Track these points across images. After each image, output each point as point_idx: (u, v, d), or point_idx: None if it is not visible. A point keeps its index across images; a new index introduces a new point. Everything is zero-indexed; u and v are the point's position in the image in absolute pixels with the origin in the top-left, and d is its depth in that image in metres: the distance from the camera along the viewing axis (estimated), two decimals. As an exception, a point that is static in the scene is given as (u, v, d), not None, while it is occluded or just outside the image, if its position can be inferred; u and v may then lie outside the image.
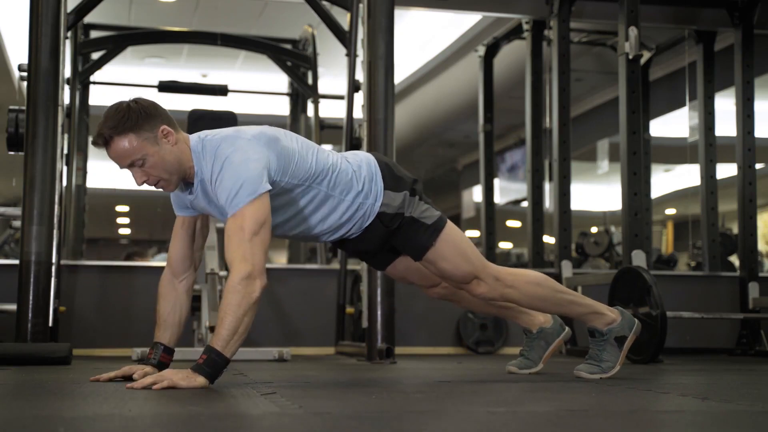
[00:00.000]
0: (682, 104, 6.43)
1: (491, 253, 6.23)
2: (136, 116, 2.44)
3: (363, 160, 2.73)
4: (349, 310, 4.86)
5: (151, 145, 2.45)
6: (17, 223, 3.98)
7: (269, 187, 2.44)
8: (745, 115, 5.36)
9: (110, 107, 2.48)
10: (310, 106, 6.34)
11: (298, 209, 2.61)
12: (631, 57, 4.43)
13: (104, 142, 2.45)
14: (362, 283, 4.29)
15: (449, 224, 2.78)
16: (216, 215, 2.59)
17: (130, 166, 2.48)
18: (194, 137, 2.54)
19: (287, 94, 7.14)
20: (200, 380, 2.31)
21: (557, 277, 5.22)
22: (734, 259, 6.95)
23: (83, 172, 6.08)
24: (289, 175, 2.54)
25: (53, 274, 3.87)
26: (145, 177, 2.49)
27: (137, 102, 2.48)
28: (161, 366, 2.59)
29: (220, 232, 4.60)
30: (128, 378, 2.53)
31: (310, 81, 6.26)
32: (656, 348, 3.96)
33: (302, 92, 6.58)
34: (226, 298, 2.35)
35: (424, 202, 2.77)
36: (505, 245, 11.65)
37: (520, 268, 3.08)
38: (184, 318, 2.69)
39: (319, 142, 5.89)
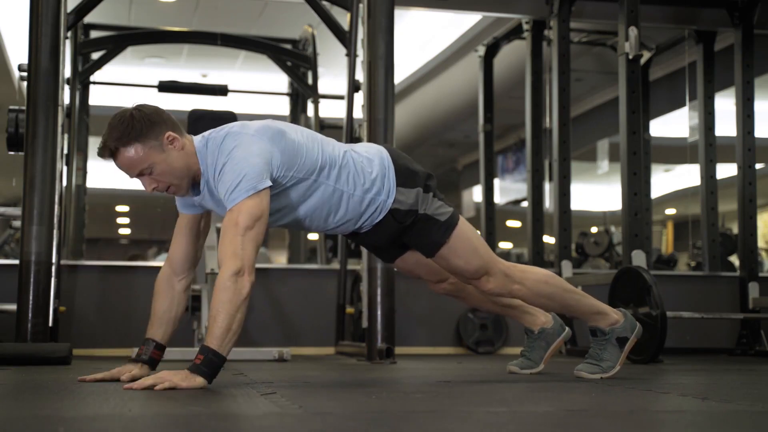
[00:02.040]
0: (682, 104, 6.43)
1: (491, 253, 6.22)
2: (140, 125, 2.42)
3: (375, 154, 2.69)
4: (349, 310, 4.86)
5: (158, 152, 2.44)
6: (17, 223, 3.98)
7: (269, 184, 2.42)
8: (745, 115, 5.36)
9: (114, 117, 2.45)
10: (310, 106, 6.34)
11: (307, 206, 2.59)
12: (631, 57, 4.43)
13: (110, 153, 2.44)
14: (362, 283, 4.29)
15: (462, 220, 2.77)
16: (222, 213, 2.57)
17: (138, 175, 2.47)
18: (198, 138, 2.54)
19: (287, 94, 7.14)
20: (199, 380, 2.30)
21: (557, 277, 5.22)
22: (734, 259, 6.95)
23: (83, 172, 6.08)
24: (294, 170, 2.52)
25: (53, 274, 3.87)
26: (155, 184, 2.49)
27: (140, 110, 2.46)
28: (152, 362, 2.59)
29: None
30: (117, 380, 2.52)
31: (310, 81, 6.26)
32: (656, 348, 3.96)
33: (302, 92, 6.58)
34: (216, 296, 2.34)
35: (438, 198, 2.75)
36: (505, 245, 11.65)
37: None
38: (179, 316, 2.69)
39: (319, 142, 5.88)
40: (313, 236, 7.22)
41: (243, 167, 2.39)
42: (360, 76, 4.46)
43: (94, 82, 6.26)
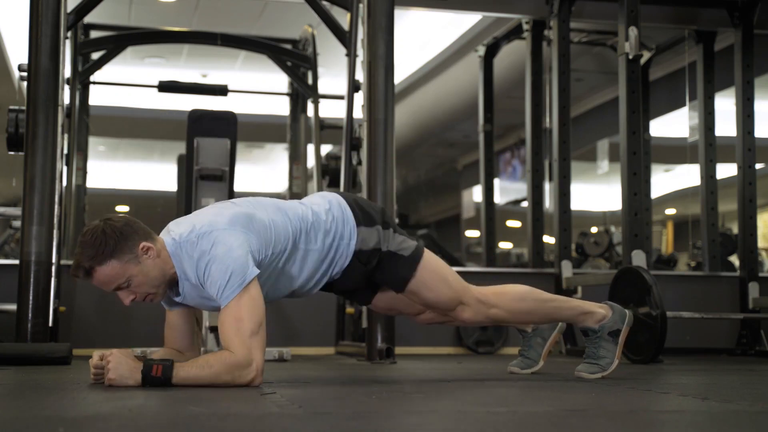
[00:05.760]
0: (682, 104, 6.43)
1: (491, 253, 6.23)
2: (113, 242, 2.38)
3: (331, 201, 2.71)
4: (349, 310, 4.86)
5: (134, 265, 2.41)
6: (17, 223, 3.98)
7: (257, 272, 2.41)
8: (745, 115, 5.36)
9: (84, 234, 2.40)
10: (310, 106, 6.33)
11: (285, 275, 2.62)
12: (631, 57, 4.43)
13: (85, 273, 2.39)
14: (362, 283, 4.28)
15: (427, 252, 2.79)
16: (208, 307, 2.58)
17: (116, 289, 2.44)
18: (168, 240, 2.48)
19: (287, 94, 7.14)
20: (132, 383, 2.29)
21: (557, 278, 5.22)
22: (734, 259, 6.95)
23: (83, 172, 6.07)
24: (272, 246, 2.53)
25: (53, 274, 3.87)
26: (133, 296, 2.46)
27: (110, 225, 2.41)
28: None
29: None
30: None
31: (310, 81, 6.25)
32: (656, 348, 3.96)
33: (302, 92, 6.58)
34: (218, 364, 2.31)
35: (399, 234, 2.76)
36: (505, 245, 11.65)
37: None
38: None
39: (319, 142, 5.89)
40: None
41: (228, 263, 2.37)
42: (360, 76, 4.45)
43: (94, 82, 6.25)
